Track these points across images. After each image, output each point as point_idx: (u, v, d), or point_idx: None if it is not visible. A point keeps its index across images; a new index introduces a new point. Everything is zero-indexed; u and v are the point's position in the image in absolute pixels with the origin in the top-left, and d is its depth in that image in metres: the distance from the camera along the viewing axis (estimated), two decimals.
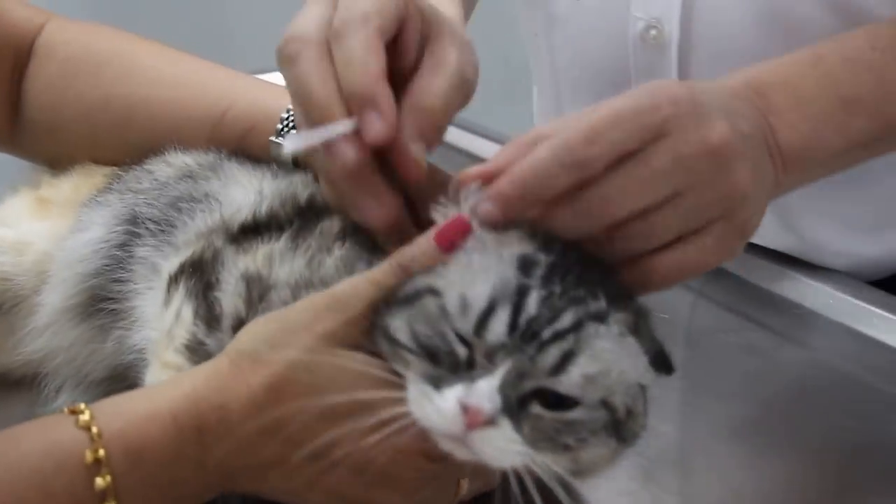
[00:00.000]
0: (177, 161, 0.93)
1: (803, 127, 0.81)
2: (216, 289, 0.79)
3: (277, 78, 1.11)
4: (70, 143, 1.01)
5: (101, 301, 0.88)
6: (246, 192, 0.87)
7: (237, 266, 0.80)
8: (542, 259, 0.68)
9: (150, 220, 0.88)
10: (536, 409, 0.65)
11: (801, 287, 1.07)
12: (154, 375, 0.79)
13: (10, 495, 0.66)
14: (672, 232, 0.72)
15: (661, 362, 0.70)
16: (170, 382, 0.73)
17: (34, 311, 0.91)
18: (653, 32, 1.07)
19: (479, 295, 0.66)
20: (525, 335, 0.65)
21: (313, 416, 0.68)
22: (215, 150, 0.94)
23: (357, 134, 0.72)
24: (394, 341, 0.68)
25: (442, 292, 0.68)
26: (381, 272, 0.71)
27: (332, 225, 0.82)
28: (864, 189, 1.11)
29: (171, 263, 0.83)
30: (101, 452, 0.68)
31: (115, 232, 0.89)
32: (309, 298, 0.72)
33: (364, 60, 0.72)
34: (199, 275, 0.80)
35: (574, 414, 0.66)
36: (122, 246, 0.88)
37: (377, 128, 0.71)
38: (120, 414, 0.70)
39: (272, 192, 0.86)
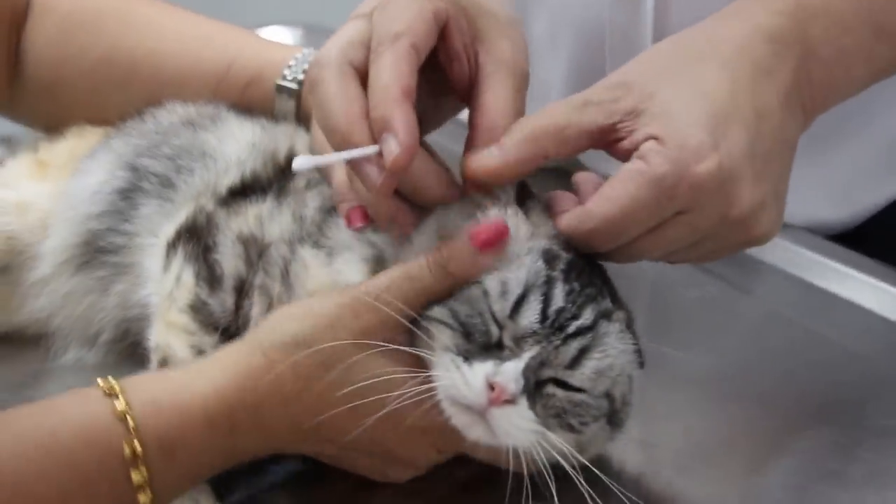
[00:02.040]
0: (179, 109, 0.96)
1: (836, 63, 0.81)
2: (215, 251, 0.83)
3: (276, 32, 1.11)
4: (71, 100, 1.01)
5: (100, 252, 0.91)
6: (239, 146, 0.90)
7: (231, 228, 0.84)
8: (563, 255, 0.74)
9: (152, 174, 0.90)
10: (550, 388, 0.72)
11: None
12: (159, 335, 0.84)
13: (55, 486, 0.69)
14: (689, 257, 0.79)
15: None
16: (202, 375, 0.74)
17: (37, 263, 0.94)
18: None
19: (517, 280, 0.72)
20: (553, 325, 0.71)
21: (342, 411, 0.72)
22: (215, 103, 0.96)
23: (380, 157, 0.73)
24: (430, 318, 0.73)
25: (483, 280, 0.73)
26: (417, 267, 0.73)
27: (298, 180, 0.86)
28: (823, 158, 1.13)
29: (167, 229, 0.86)
30: (139, 447, 0.70)
31: (116, 177, 0.92)
32: (348, 294, 0.74)
33: (386, 84, 0.73)
34: (196, 239, 0.84)
35: (582, 396, 0.72)
36: (124, 194, 0.90)
37: (393, 152, 0.71)
38: (155, 407, 0.72)
39: (259, 149, 0.90)
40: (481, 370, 0.70)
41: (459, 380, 0.70)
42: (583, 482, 0.71)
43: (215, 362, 0.75)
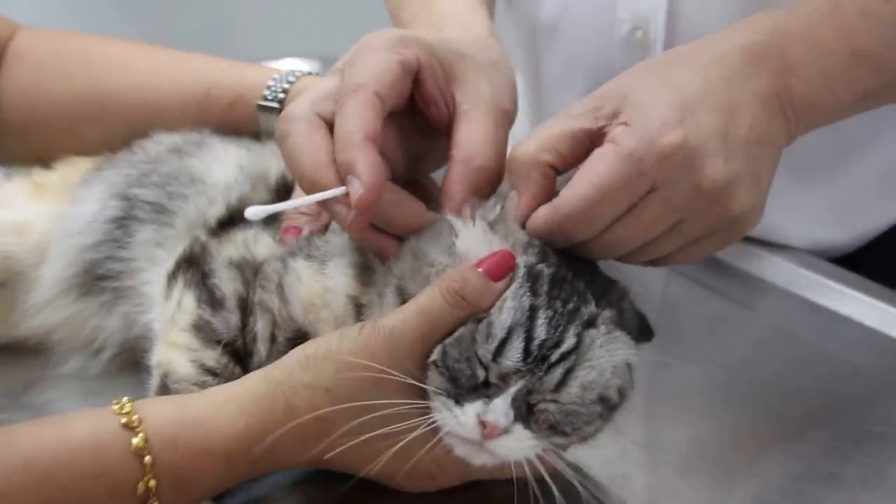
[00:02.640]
0: (165, 138, 0.99)
1: (817, 81, 0.82)
2: (212, 277, 0.85)
3: (292, 65, 1.14)
4: (48, 138, 1.03)
5: (100, 279, 0.92)
6: (227, 169, 0.93)
7: (222, 256, 0.86)
8: (545, 271, 0.74)
9: (144, 202, 0.92)
10: (541, 405, 0.73)
11: (765, 263, 1.14)
12: (161, 354, 0.85)
13: None
14: (674, 246, 0.77)
15: (643, 330, 0.78)
16: (221, 412, 0.74)
17: (35, 286, 0.95)
18: (638, 34, 1.10)
19: (500, 324, 0.73)
20: (536, 359, 0.72)
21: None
22: (198, 130, 0.98)
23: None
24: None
25: (483, 317, 0.73)
26: (429, 301, 0.73)
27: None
28: (824, 185, 1.16)
29: (167, 263, 0.88)
30: (153, 483, 0.71)
31: (109, 206, 0.94)
32: (364, 335, 0.74)
33: (349, 130, 0.75)
34: (194, 267, 0.86)
35: (573, 406, 0.74)
36: (119, 222, 0.92)
37: (357, 192, 0.73)
38: (174, 446, 0.72)
39: (247, 171, 0.92)
40: (472, 410, 0.72)
41: (452, 420, 0.72)
42: (579, 483, 0.73)
43: (234, 400, 0.75)
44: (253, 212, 0.75)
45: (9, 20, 1.08)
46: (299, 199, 0.77)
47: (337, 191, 0.75)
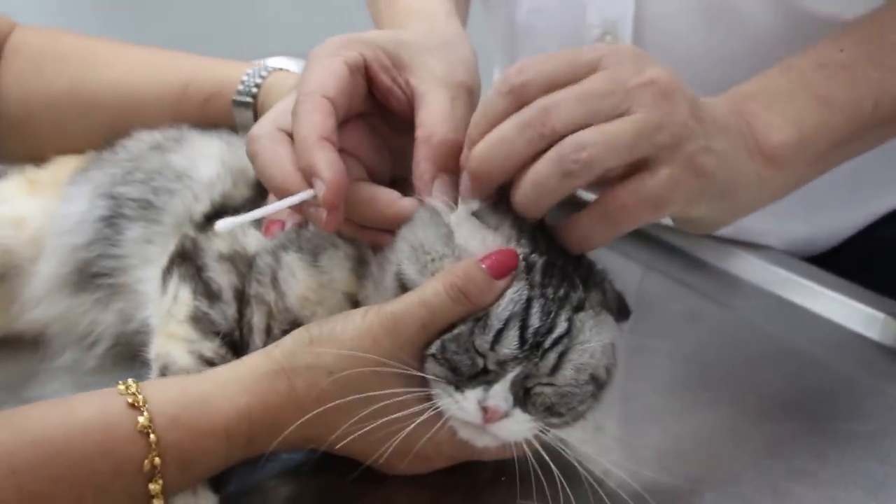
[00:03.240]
0: (146, 136, 1.01)
1: (782, 125, 0.83)
2: (206, 270, 0.87)
3: (282, 64, 1.15)
4: (39, 134, 1.06)
5: (94, 277, 0.94)
6: (209, 163, 0.94)
7: (212, 249, 0.88)
8: (538, 261, 0.77)
9: (130, 199, 0.94)
10: (538, 388, 0.76)
11: (740, 261, 1.16)
12: (159, 346, 0.85)
13: (69, 493, 0.70)
14: (624, 152, 0.74)
15: (621, 310, 0.81)
16: (223, 392, 0.75)
17: (31, 280, 0.97)
18: (608, 38, 1.12)
19: (499, 316, 0.75)
20: (531, 345, 0.75)
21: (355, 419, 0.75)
22: (177, 125, 1.01)
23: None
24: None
25: (482, 317, 0.75)
26: (432, 293, 0.74)
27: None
28: (804, 190, 1.14)
29: (160, 260, 0.90)
30: (157, 461, 0.72)
31: (97, 206, 0.95)
32: (367, 320, 0.75)
33: (303, 135, 0.76)
34: (188, 262, 0.88)
35: (568, 388, 0.77)
36: (108, 221, 0.94)
37: (321, 191, 0.75)
38: (177, 425, 0.73)
39: (228, 166, 0.94)
40: (472, 396, 0.74)
41: (454, 406, 0.75)
42: (562, 479, 0.76)
43: (235, 380, 0.76)
44: (223, 225, 0.76)
45: (8, 18, 1.10)
46: (269, 206, 0.78)
47: (304, 194, 0.76)
